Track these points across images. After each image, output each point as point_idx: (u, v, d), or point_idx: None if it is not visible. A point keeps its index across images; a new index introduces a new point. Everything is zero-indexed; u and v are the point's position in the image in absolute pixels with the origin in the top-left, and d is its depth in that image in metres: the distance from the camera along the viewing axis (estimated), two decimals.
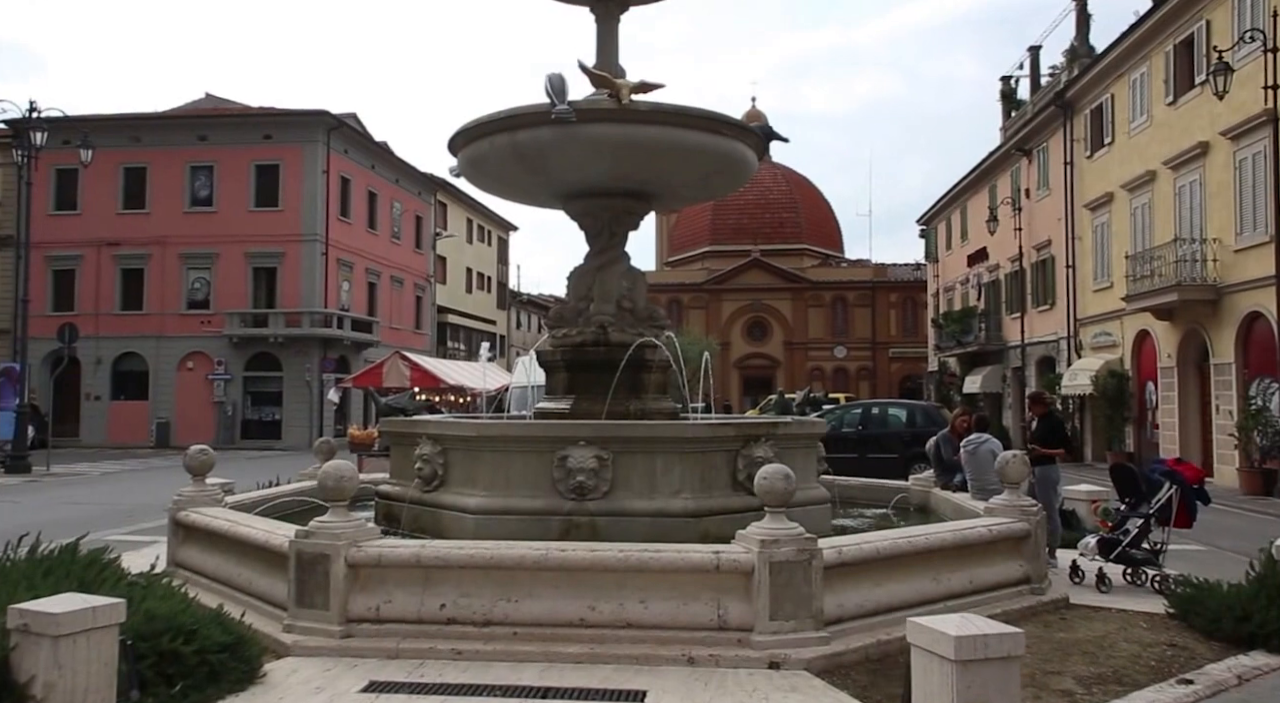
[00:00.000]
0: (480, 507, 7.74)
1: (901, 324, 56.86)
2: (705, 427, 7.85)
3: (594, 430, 7.68)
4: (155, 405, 36.85)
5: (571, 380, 9.23)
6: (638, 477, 7.70)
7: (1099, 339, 27.88)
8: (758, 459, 8.00)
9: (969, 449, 9.08)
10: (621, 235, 9.57)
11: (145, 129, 37.46)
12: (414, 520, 8.38)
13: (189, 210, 37.31)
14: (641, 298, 9.62)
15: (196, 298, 37.44)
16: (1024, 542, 7.46)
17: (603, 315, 9.18)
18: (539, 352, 9.55)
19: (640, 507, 7.63)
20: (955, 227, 43.74)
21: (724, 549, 6.01)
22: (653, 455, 7.70)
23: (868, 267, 59.70)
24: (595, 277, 9.43)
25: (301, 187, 37.00)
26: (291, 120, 37.41)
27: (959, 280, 42.93)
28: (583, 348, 9.14)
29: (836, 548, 6.19)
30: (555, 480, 7.67)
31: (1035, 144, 32.78)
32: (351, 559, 6.04)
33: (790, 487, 6.06)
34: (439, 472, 8.19)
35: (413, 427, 8.56)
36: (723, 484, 7.98)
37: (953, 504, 9.39)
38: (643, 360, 9.10)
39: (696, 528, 7.61)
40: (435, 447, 8.20)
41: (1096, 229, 27.99)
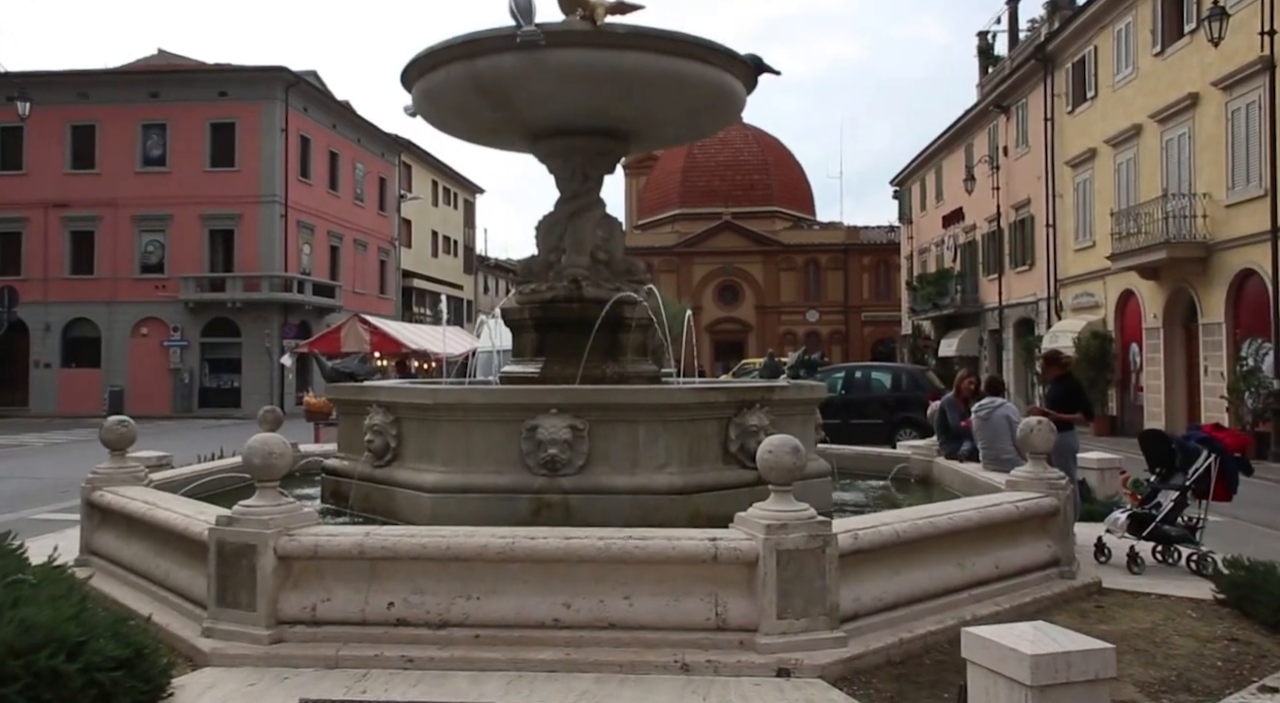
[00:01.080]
0: (438, 484, 6.81)
1: (875, 288, 56.25)
2: (693, 391, 6.95)
3: (567, 396, 6.76)
4: (108, 373, 35.41)
5: (541, 341, 8.28)
6: (617, 449, 6.81)
7: (1080, 300, 27.30)
8: (751, 428, 7.14)
9: (981, 415, 8.27)
10: (596, 179, 8.58)
11: (93, 85, 35.62)
12: (364, 500, 7.44)
13: (141, 170, 35.64)
14: (619, 249, 8.66)
15: (150, 262, 35.89)
16: (1052, 519, 6.66)
17: (576, 268, 8.22)
18: (505, 310, 8.58)
19: (620, 483, 6.74)
20: (930, 187, 42.98)
21: (722, 536, 5.14)
22: (634, 425, 6.80)
23: (840, 229, 58.89)
24: (567, 225, 8.44)
25: (259, 146, 35.43)
26: (248, 77, 35.75)
27: (934, 242, 42.27)
28: (553, 305, 8.18)
29: (852, 533, 5.34)
30: (524, 454, 6.76)
31: (1014, 100, 31.96)
32: (282, 550, 5.10)
33: (800, 461, 5.19)
34: (391, 444, 7.25)
35: (362, 394, 7.59)
36: (713, 457, 7.11)
37: (961, 476, 8.59)
38: (620, 318, 8.17)
39: (685, 507, 6.74)
40: (387, 416, 7.24)
41: (1078, 187, 27.30)
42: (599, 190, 8.67)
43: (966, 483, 8.35)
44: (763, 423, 7.19)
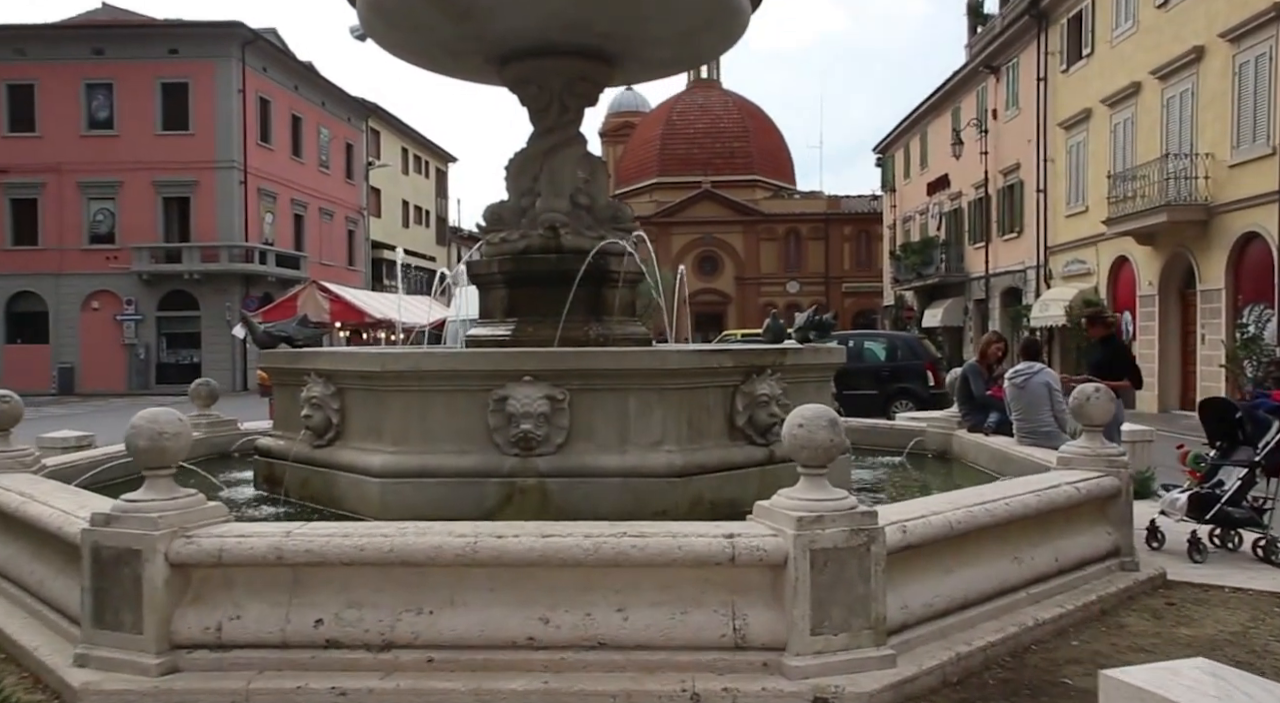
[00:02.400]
0: (388, 467, 5.70)
1: (855, 258, 55.32)
2: (693, 355, 5.86)
3: (543, 361, 5.65)
4: (57, 349, 33.76)
5: (512, 299, 7.15)
6: (604, 423, 5.72)
7: (1072, 267, 26.45)
8: (761, 397, 6.08)
9: (1016, 382, 7.23)
10: (576, 111, 7.42)
11: (30, 40, 33.55)
12: (302, 486, 6.31)
13: (86, 134, 33.77)
14: (602, 192, 7.52)
15: (100, 231, 34.14)
16: (1112, 502, 5.66)
17: (553, 213, 7.07)
18: (470, 264, 7.43)
19: (608, 464, 5.67)
20: (915, 154, 41.96)
21: (741, 531, 4.07)
22: (624, 394, 5.71)
23: (821, 199, 57.78)
24: (542, 164, 7.29)
25: (214, 108, 33.68)
26: (201, 33, 33.88)
27: (918, 210, 41.33)
28: (527, 256, 7.04)
29: (899, 525, 4.29)
30: (491, 430, 5.66)
31: (1004, 60, 30.91)
32: (177, 556, 3.97)
33: (839, 438, 4.13)
34: (333, 420, 6.11)
35: (298, 361, 6.43)
36: (717, 431, 6.04)
37: (990, 451, 7.58)
38: (605, 272, 7.06)
39: (685, 491, 5.68)
40: (328, 387, 6.10)
41: (1071, 149, 26.35)
42: (579, 124, 7.51)
43: (998, 459, 7.34)
44: (774, 392, 6.14)
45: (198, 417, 8.97)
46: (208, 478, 6.77)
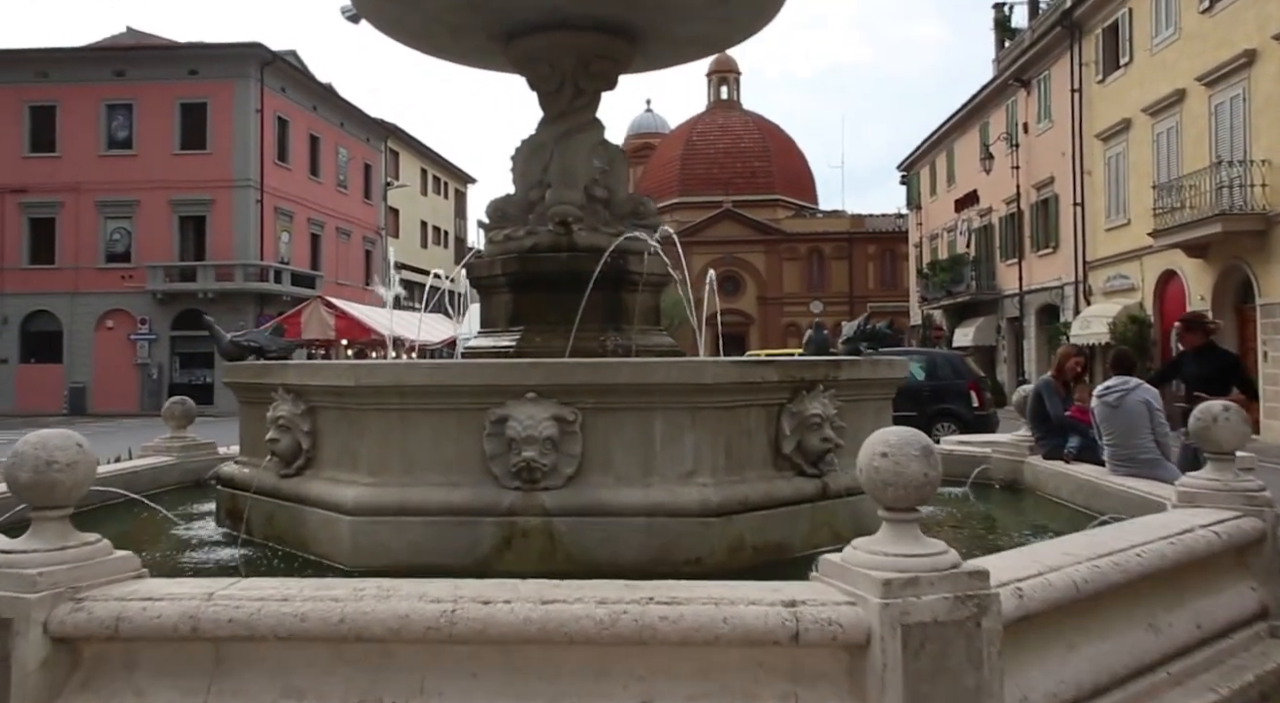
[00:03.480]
0: (362, 502, 4.72)
1: (880, 277, 54.14)
2: (733, 367, 4.86)
3: (551, 374, 4.67)
4: (71, 369, 33.21)
5: (518, 305, 6.20)
6: (624, 450, 4.74)
7: (1114, 283, 25.24)
8: (812, 419, 5.08)
9: (1109, 400, 6.17)
10: (591, 93, 6.49)
11: (53, 63, 33.33)
12: (267, 522, 5.35)
13: (105, 153, 33.42)
14: (621, 186, 6.59)
15: (116, 250, 33.68)
16: (1254, 550, 4.59)
17: (564, 206, 6.13)
18: (471, 266, 6.49)
19: (629, 500, 4.67)
20: (941, 170, 40.92)
21: (805, 595, 3.06)
22: (649, 414, 4.72)
23: (844, 217, 56.76)
24: (553, 152, 6.35)
25: (232, 127, 33.24)
26: (220, 54, 33.52)
27: (945, 228, 40.22)
28: (535, 255, 6.10)
29: (1012, 587, 3.26)
30: (487, 457, 4.69)
31: (1035, 73, 29.89)
32: (61, 626, 3.01)
33: (935, 473, 3.11)
34: (303, 445, 5.15)
35: (264, 375, 5.49)
36: (759, 459, 5.04)
37: (1074, 482, 6.51)
38: (625, 273, 6.11)
39: (723, 534, 4.68)
40: (297, 404, 5.14)
41: (1110, 161, 25.24)
42: (595, 108, 6.59)
43: (1086, 492, 6.27)
44: (827, 412, 5.13)
45: (170, 439, 8.09)
46: (161, 512, 5.84)
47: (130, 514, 6.14)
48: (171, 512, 6.58)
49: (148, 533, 5.79)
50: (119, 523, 6.05)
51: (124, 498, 6.05)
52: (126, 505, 6.14)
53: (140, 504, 5.97)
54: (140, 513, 6.18)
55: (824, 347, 7.12)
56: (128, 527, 5.98)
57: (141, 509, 6.11)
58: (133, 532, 5.84)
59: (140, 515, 6.14)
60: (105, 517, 6.17)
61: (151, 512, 6.49)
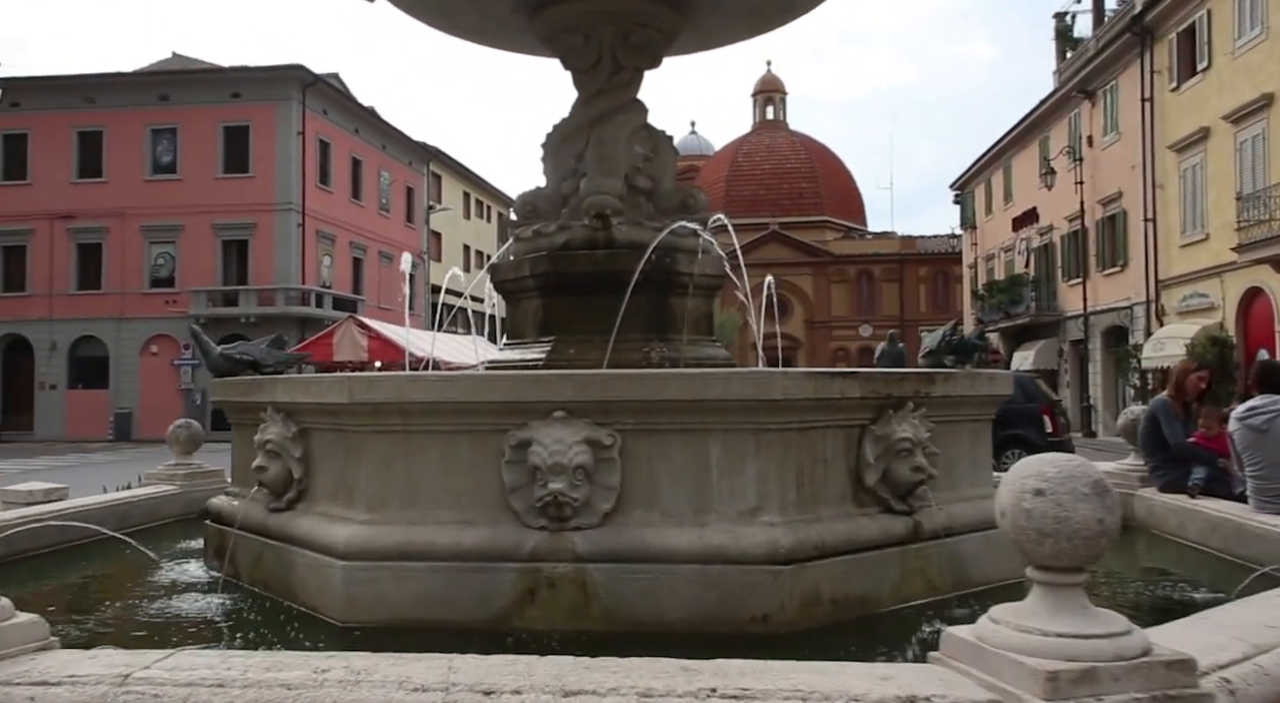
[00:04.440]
0: (357, 544, 3.89)
1: (932, 299, 52.68)
2: (805, 380, 3.96)
3: (583, 387, 3.83)
4: (116, 394, 33.18)
5: (548, 312, 5.38)
6: (672, 481, 3.87)
7: (1190, 302, 23.82)
8: (901, 444, 4.17)
9: (1254, 425, 5.15)
10: (633, 70, 5.68)
11: (100, 89, 33.62)
12: (255, 564, 4.55)
13: (150, 178, 33.54)
14: (667, 175, 5.76)
15: (160, 275, 33.70)
16: None
17: (602, 196, 5.31)
18: (495, 268, 5.68)
19: (679, 543, 3.80)
20: (997, 188, 39.63)
21: (928, 690, 2.16)
22: (703, 437, 3.85)
23: (894, 239, 55.53)
24: (589, 136, 5.55)
25: (274, 150, 33.18)
26: (262, 77, 33.53)
27: (1002, 247, 38.86)
28: (568, 253, 5.28)
29: (1219, 681, 2.32)
30: (507, 490, 3.85)
31: (1101, 83, 28.66)
32: None
33: (1112, 520, 2.21)
34: (294, 473, 4.35)
35: (253, 392, 4.71)
36: (837, 492, 4.13)
37: (1205, 519, 5.48)
38: (672, 274, 5.26)
39: (795, 585, 3.78)
40: (288, 426, 4.35)
41: (1185, 173, 23.91)
42: (637, 88, 5.77)
43: (1223, 533, 5.25)
44: (918, 435, 4.21)
45: (174, 467, 7.38)
46: (141, 551, 5.08)
47: (110, 553, 5.39)
48: (159, 550, 5.82)
49: (122, 576, 5.03)
50: (92, 565, 5.32)
51: (99, 535, 5.29)
52: (109, 543, 5.40)
53: (126, 541, 5.22)
54: (125, 551, 5.44)
55: (900, 362, 6.21)
56: (101, 569, 5.23)
57: (126, 547, 5.37)
58: (105, 575, 5.09)
59: (124, 553, 5.39)
60: (80, 557, 5.44)
61: (132, 550, 5.77)
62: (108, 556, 5.40)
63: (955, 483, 4.61)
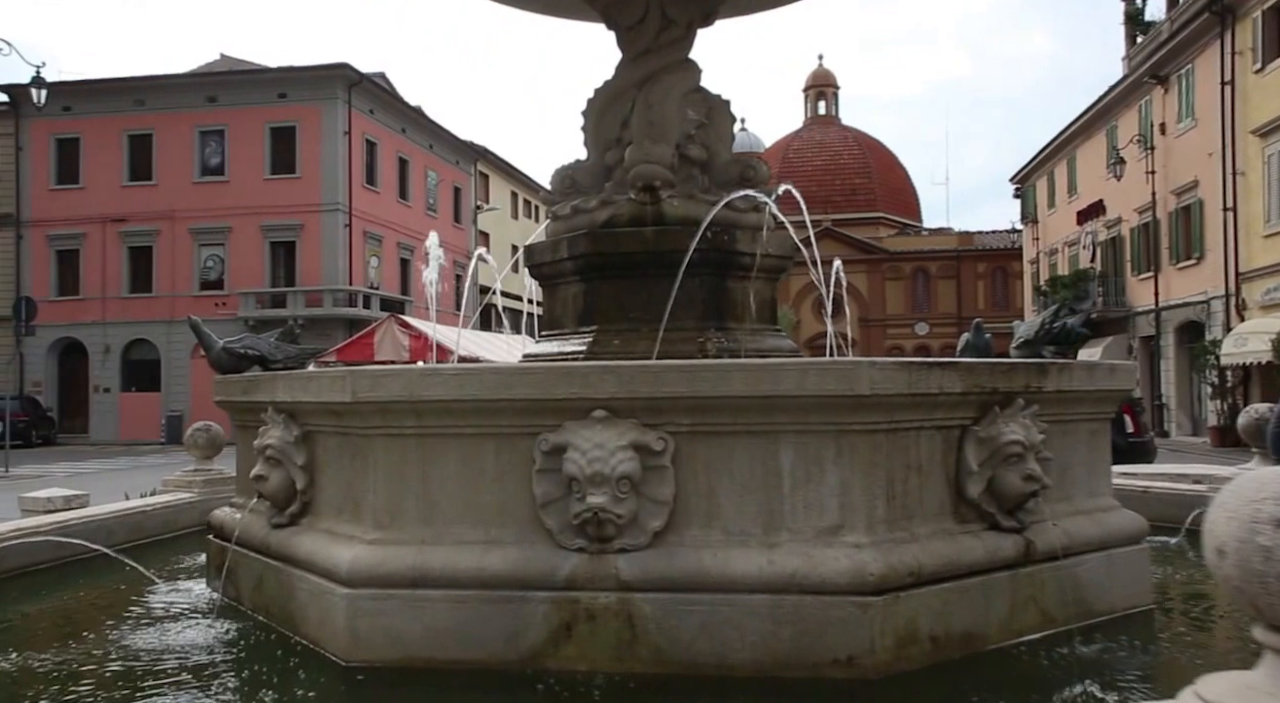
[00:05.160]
0: (364, 567, 3.29)
1: (991, 296, 51.11)
2: (898, 370, 3.25)
3: (628, 381, 3.18)
4: (168, 397, 33.34)
5: (590, 298, 4.74)
6: (737, 493, 3.21)
7: (1275, 295, 22.45)
8: (1010, 448, 3.48)
9: None
10: (683, 25, 5.03)
11: (149, 91, 33.80)
12: (256, 587, 3.98)
13: (199, 180, 33.65)
14: (724, 145, 5.09)
15: (210, 277, 33.79)
16: None
17: (650, 166, 4.67)
18: (530, 249, 5.06)
19: (744, 568, 3.14)
20: (1060, 180, 38.18)
21: None
22: (773, 441, 3.19)
23: (951, 234, 54.04)
24: (636, 100, 4.91)
25: (320, 150, 33.07)
26: (309, 76, 33.41)
27: (1066, 241, 37.41)
28: (611, 232, 4.64)
29: None
30: (539, 504, 3.23)
31: (1175, 68, 27.26)
32: None
33: None
34: (297, 483, 3.77)
35: (254, 390, 4.15)
36: (935, 507, 3.44)
37: None
38: (731, 254, 4.61)
39: (888, 620, 3.10)
40: (289, 429, 3.77)
41: (1270, 159, 22.54)
42: (689, 46, 5.12)
43: None
44: (1030, 438, 3.51)
45: (193, 473, 6.92)
46: (137, 569, 4.55)
47: (112, 570, 4.87)
48: (167, 565, 5.34)
49: (116, 599, 4.49)
50: (89, 583, 4.80)
51: (90, 550, 4.78)
52: (112, 558, 4.88)
53: (109, 560, 4.71)
54: (127, 567, 4.92)
55: (986, 354, 5.46)
56: (96, 590, 4.71)
57: (114, 565, 4.86)
58: (98, 597, 4.56)
59: (126, 570, 4.87)
60: (80, 574, 4.94)
61: (144, 563, 5.26)
62: (108, 572, 4.89)
63: (1070, 493, 3.89)
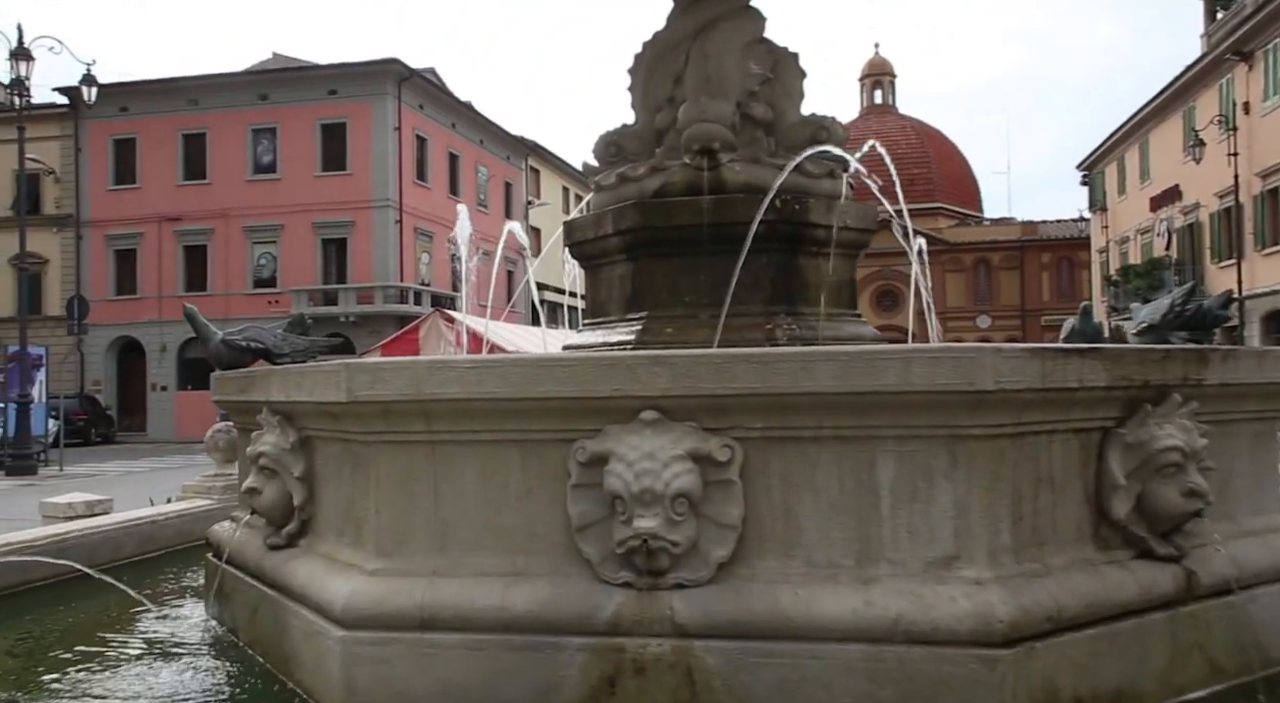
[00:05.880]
0: (363, 604, 2.69)
1: (1056, 288, 49.33)
2: (1029, 359, 2.56)
3: (686, 374, 2.53)
4: None
5: (638, 280, 4.10)
6: (821, 513, 2.54)
7: None
8: (1165, 455, 2.76)
9: None
10: None
11: (203, 90, 33.94)
12: (251, 619, 3.41)
13: (252, 179, 33.70)
14: (792, 103, 4.41)
15: (263, 275, 33.84)
16: None
17: (707, 126, 4.01)
18: (570, 226, 4.44)
19: (833, 609, 2.47)
20: (1132, 166, 36.55)
21: None
22: (867, 448, 2.52)
23: (1014, 225, 52.34)
24: (690, 50, 4.25)
25: (371, 146, 32.88)
26: (358, 72, 33.20)
27: (1138, 229, 35.81)
28: (663, 202, 3.99)
29: None
30: (574, 528, 2.60)
31: (1260, 42, 25.72)
32: None
33: None
34: (295, 498, 3.19)
35: (249, 388, 3.58)
36: (1071, 529, 2.73)
37: None
38: (802, 227, 3.93)
39: (1020, 681, 2.41)
40: (286, 434, 3.20)
41: None
42: None
43: None
44: (1191, 443, 2.78)
45: (213, 478, 6.48)
46: (126, 592, 4.02)
47: (108, 589, 4.33)
48: (172, 583, 4.82)
49: (104, 626, 3.96)
50: (81, 607, 4.28)
51: (71, 571, 4.26)
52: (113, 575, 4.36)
53: (92, 582, 4.16)
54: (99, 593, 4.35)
55: (1096, 336, 4.71)
56: (86, 614, 4.17)
57: (126, 578, 4.34)
58: (85, 624, 4.02)
59: (114, 591, 4.30)
60: (77, 595, 4.41)
61: (150, 578, 4.78)
62: (102, 592, 4.35)
63: (1232, 510, 3.15)
